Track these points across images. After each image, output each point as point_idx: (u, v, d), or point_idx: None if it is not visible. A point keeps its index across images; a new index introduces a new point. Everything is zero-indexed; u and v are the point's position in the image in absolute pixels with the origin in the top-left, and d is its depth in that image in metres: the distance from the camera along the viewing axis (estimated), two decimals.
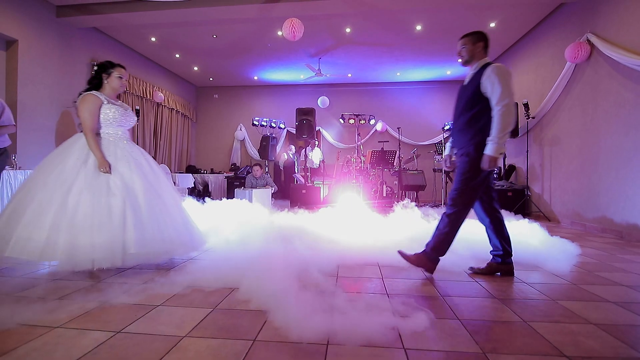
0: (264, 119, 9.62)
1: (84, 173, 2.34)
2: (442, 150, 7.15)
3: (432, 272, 2.43)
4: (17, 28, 4.97)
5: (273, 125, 9.53)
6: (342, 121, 9.50)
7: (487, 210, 2.47)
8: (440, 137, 9.25)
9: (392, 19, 5.87)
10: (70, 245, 2.14)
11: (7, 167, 3.96)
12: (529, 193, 6.01)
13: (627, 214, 4.06)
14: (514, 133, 6.34)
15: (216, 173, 9.47)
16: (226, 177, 9.08)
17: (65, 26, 5.76)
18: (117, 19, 5.77)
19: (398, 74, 8.85)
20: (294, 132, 8.21)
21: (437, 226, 2.44)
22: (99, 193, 2.31)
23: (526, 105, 5.89)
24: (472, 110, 2.35)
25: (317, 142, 9.04)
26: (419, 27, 6.15)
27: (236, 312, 1.78)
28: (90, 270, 2.31)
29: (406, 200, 4.98)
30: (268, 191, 6.71)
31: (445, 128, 9.25)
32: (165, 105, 8.45)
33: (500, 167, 7.06)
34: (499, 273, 2.48)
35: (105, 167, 2.39)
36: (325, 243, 3.23)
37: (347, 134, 9.74)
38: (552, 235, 3.45)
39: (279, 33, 6.45)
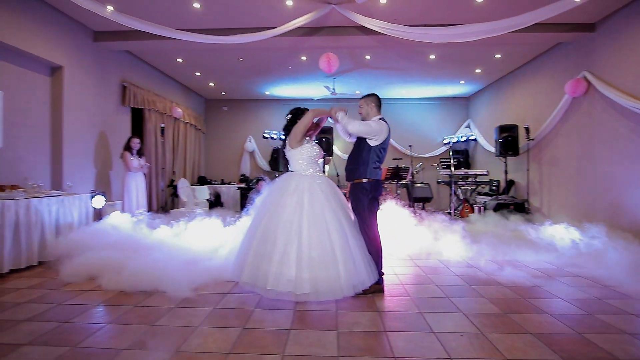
0: (274, 132, 10.01)
1: (305, 214, 2.72)
2: (448, 164, 7.78)
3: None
4: (62, 54, 5.17)
5: (282, 138, 9.91)
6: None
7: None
8: (441, 150, 9.95)
9: (410, 50, 6.43)
10: (313, 279, 2.56)
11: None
12: (528, 206, 6.74)
13: None
14: (515, 152, 7.06)
15: (227, 184, 9.77)
16: (238, 188, 9.40)
17: (101, 50, 5.97)
18: (151, 44, 6.02)
19: (403, 91, 9.45)
20: None
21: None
22: (321, 231, 2.70)
23: (527, 129, 6.61)
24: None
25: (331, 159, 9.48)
26: (432, 56, 6.74)
27: None
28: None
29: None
30: None
31: (445, 141, 9.97)
32: (181, 120, 8.69)
33: (499, 181, 7.80)
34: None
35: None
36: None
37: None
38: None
39: (303, 58, 6.89)
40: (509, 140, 7.12)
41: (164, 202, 7.84)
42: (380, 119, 3.13)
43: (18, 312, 2.62)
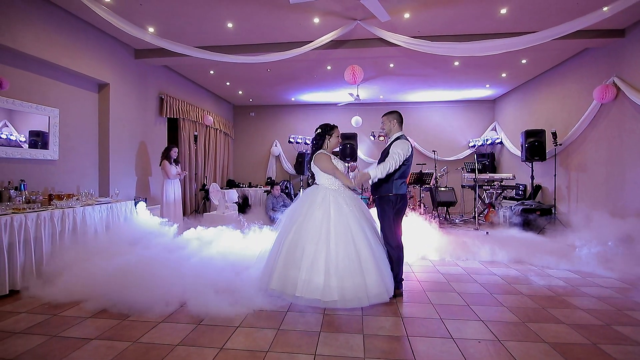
0: (299, 137, 10.30)
1: (332, 225, 2.95)
2: (472, 167, 7.79)
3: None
4: (107, 72, 5.64)
5: (307, 142, 10.21)
6: (372, 138, 10.18)
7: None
8: (465, 153, 9.92)
9: (434, 59, 6.52)
10: (340, 287, 2.78)
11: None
12: (555, 212, 6.68)
13: None
14: (542, 157, 7.00)
15: (254, 187, 10.16)
16: (265, 191, 9.76)
17: (141, 66, 6.44)
18: (186, 60, 6.41)
19: (427, 95, 9.49)
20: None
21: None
22: (347, 242, 2.93)
23: (554, 134, 6.55)
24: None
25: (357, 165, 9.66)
26: (456, 63, 6.80)
27: None
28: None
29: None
30: None
31: (469, 145, 9.92)
32: (211, 127, 9.14)
33: (525, 186, 7.74)
34: None
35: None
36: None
37: (377, 151, 10.39)
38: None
39: (328, 67, 7.13)
40: (535, 145, 7.07)
41: (197, 206, 8.30)
42: (401, 136, 3.31)
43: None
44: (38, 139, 4.62)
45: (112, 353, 2.29)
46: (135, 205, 5.35)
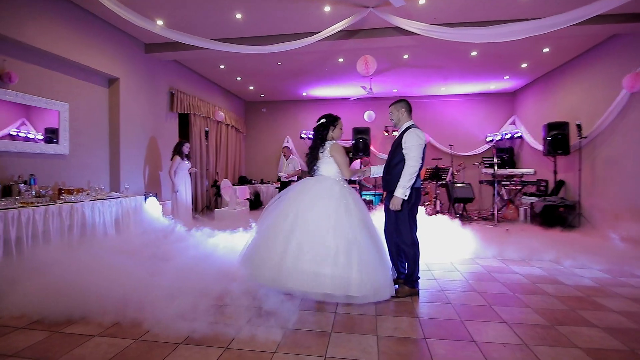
0: (311, 132, 10.13)
1: (352, 217, 2.85)
2: (491, 162, 7.49)
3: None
4: (117, 67, 5.60)
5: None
6: (386, 133, 9.96)
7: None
8: (483, 148, 9.59)
9: (450, 48, 6.27)
10: (360, 280, 2.63)
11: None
12: (580, 209, 6.35)
13: None
14: (565, 150, 6.66)
15: (266, 183, 10.08)
16: (277, 187, 9.66)
17: (151, 61, 6.39)
18: (196, 54, 6.35)
19: (442, 88, 9.20)
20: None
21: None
22: (370, 234, 2.86)
23: (579, 127, 6.21)
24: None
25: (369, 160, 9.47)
26: (474, 53, 6.52)
27: None
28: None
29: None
30: None
31: (487, 139, 9.59)
32: (222, 123, 9.07)
33: (547, 182, 7.39)
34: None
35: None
36: None
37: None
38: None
39: (340, 60, 6.94)
40: (558, 139, 6.74)
41: (208, 202, 8.25)
42: (412, 125, 3.15)
43: None
44: (53, 136, 4.63)
45: (114, 350, 2.19)
46: (145, 201, 5.31)
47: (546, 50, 6.39)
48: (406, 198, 2.99)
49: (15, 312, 2.60)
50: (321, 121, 3.20)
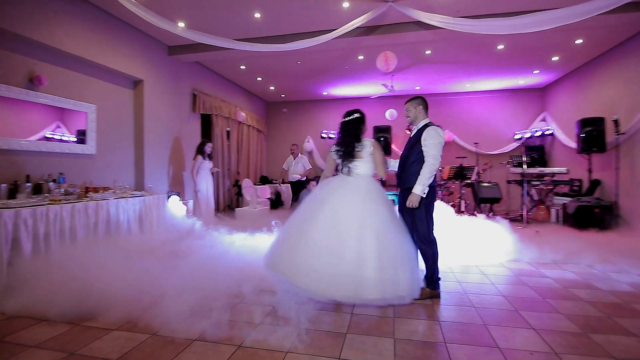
0: (332, 132, 10.08)
1: (381, 215, 2.73)
2: (519, 161, 7.16)
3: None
4: (142, 69, 5.76)
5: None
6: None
7: None
8: (511, 146, 9.20)
9: (475, 42, 6.04)
10: (394, 280, 2.52)
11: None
12: (617, 209, 5.95)
13: None
14: (601, 148, 6.27)
15: (287, 183, 10.08)
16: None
17: (174, 63, 6.54)
18: (217, 55, 6.43)
19: (467, 85, 8.91)
20: None
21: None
22: (398, 231, 2.76)
23: (616, 122, 5.83)
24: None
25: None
26: (500, 47, 6.25)
27: None
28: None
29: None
30: None
31: (516, 137, 9.19)
32: (244, 123, 9.17)
33: (581, 181, 6.99)
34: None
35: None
36: None
37: None
38: None
39: (360, 57, 6.85)
40: (593, 135, 6.35)
41: (230, 201, 8.36)
42: (429, 123, 3.07)
43: None
44: (82, 137, 4.83)
45: (130, 344, 2.22)
46: (168, 199, 5.42)
47: (579, 41, 6.03)
48: (424, 195, 2.88)
49: (39, 305, 2.67)
50: (355, 115, 3.02)
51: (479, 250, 4.29)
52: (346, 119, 3.05)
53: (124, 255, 3.44)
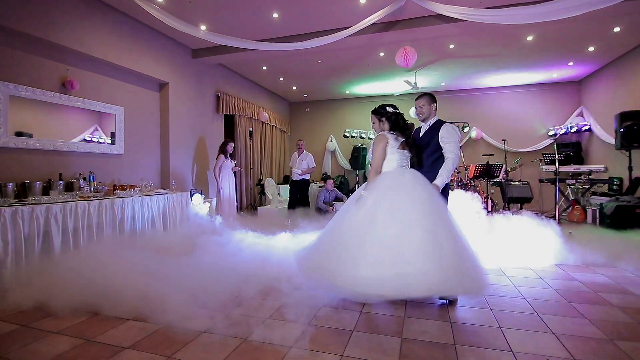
0: (355, 131, 10.01)
1: (428, 210, 2.54)
2: (553, 159, 6.77)
3: None
4: (167, 72, 5.98)
5: (363, 136, 9.89)
6: None
7: None
8: (544, 143, 8.74)
9: (500, 34, 5.79)
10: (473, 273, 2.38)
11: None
12: None
13: None
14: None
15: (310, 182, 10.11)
16: (320, 186, 9.65)
17: (198, 65, 6.74)
18: (239, 56, 6.56)
19: (495, 79, 8.55)
20: None
21: None
22: (445, 225, 2.54)
23: None
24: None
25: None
26: (529, 38, 5.95)
27: None
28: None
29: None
30: None
31: (549, 133, 8.72)
32: (267, 123, 9.30)
33: (621, 179, 6.51)
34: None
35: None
36: None
37: None
38: None
39: (381, 54, 6.75)
40: (634, 130, 5.89)
41: (253, 200, 8.49)
42: (439, 120, 3.10)
43: None
44: (113, 138, 5.12)
45: (143, 334, 2.30)
46: (191, 197, 5.59)
47: (617, 29, 5.62)
48: (440, 190, 2.82)
49: (62, 297, 2.79)
50: (396, 111, 2.91)
51: (502, 251, 4.10)
52: (389, 111, 2.90)
53: (144, 251, 3.57)
